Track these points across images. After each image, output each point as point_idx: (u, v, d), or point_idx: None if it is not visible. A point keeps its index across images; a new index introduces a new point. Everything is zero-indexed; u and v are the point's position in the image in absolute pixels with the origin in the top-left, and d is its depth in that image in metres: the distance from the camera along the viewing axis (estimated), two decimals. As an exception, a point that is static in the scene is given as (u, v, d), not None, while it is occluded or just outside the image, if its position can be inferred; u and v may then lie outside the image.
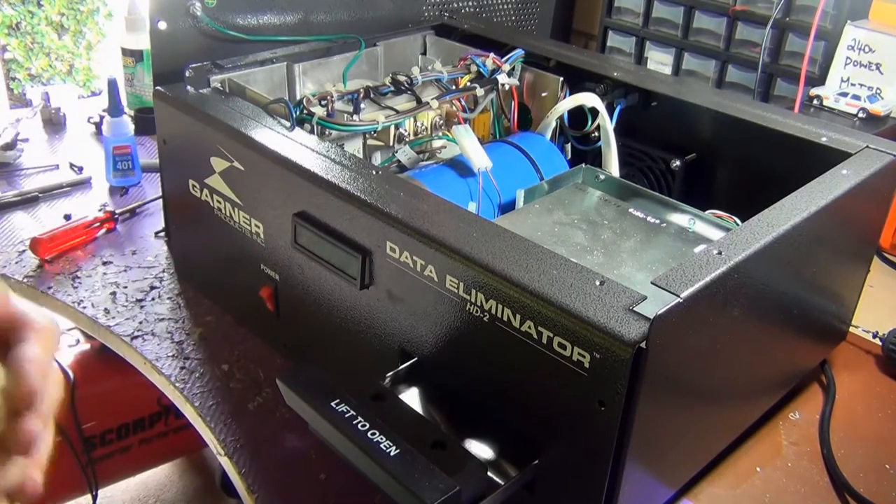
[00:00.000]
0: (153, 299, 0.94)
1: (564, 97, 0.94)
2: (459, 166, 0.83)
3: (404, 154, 0.87)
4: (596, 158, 0.93)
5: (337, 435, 0.53)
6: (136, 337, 0.88)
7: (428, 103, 0.87)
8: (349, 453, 0.53)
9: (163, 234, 1.05)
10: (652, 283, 0.54)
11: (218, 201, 0.82)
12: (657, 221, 0.78)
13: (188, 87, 0.84)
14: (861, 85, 1.18)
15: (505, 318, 0.56)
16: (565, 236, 0.75)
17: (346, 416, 0.54)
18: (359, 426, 0.53)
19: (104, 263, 1.00)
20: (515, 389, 0.58)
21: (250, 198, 0.78)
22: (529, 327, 0.54)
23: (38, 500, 0.42)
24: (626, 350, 0.49)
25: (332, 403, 0.55)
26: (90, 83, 2.95)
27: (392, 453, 0.51)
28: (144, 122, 1.30)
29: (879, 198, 0.79)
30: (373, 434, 0.53)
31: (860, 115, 1.15)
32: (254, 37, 0.92)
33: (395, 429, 0.53)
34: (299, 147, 0.73)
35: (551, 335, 0.53)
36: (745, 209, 0.68)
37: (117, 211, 1.09)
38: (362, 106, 0.85)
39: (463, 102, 0.92)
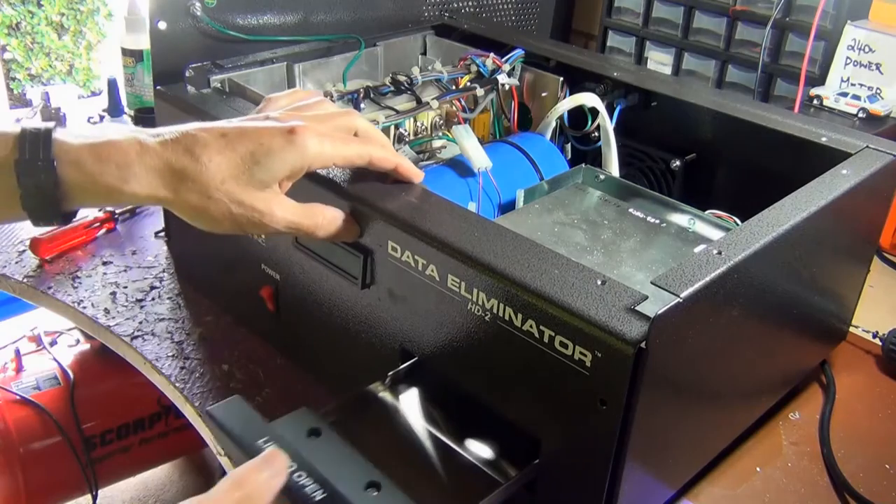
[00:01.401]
0: (153, 299, 0.94)
1: (564, 97, 0.94)
2: (459, 166, 0.83)
3: (404, 154, 0.87)
4: (596, 158, 0.93)
5: None
6: (136, 337, 0.88)
7: (428, 103, 0.87)
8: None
9: (163, 234, 1.05)
10: (652, 282, 0.54)
11: (218, 201, 0.82)
12: (657, 221, 0.78)
13: (188, 87, 0.84)
14: (861, 85, 1.18)
15: (506, 318, 0.56)
16: (565, 236, 0.75)
17: None
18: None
19: (104, 263, 1.00)
20: (516, 389, 0.59)
21: (251, 198, 0.78)
22: (531, 326, 0.54)
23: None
24: (628, 349, 0.49)
25: (260, 441, 0.51)
26: (90, 83, 2.95)
27: (317, 497, 0.48)
28: (144, 122, 1.30)
29: (879, 198, 0.79)
30: (299, 476, 0.49)
31: (860, 115, 1.15)
32: (254, 37, 0.92)
33: (327, 469, 0.50)
34: (300, 147, 0.73)
35: (553, 334, 0.53)
36: (745, 209, 0.68)
37: (117, 211, 1.09)
38: (362, 106, 0.85)
39: (463, 102, 0.92)
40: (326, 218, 0.61)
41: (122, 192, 0.54)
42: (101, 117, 1.29)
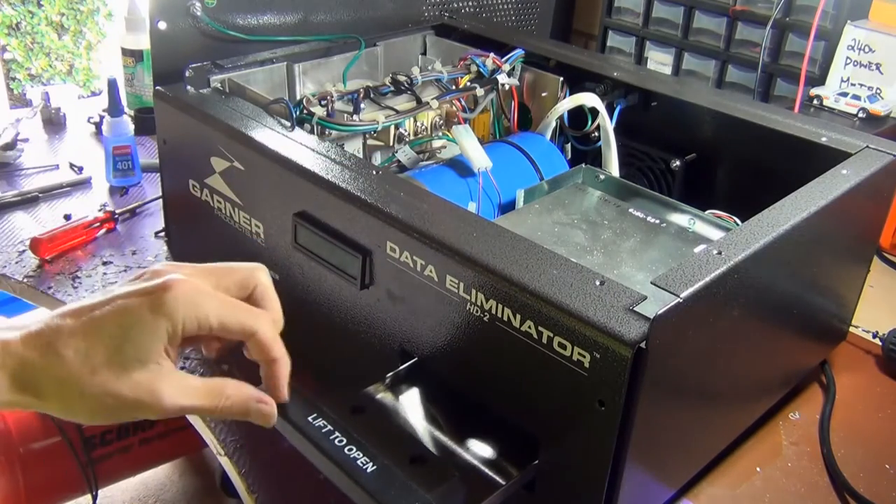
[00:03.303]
0: (153, 299, 0.94)
1: (564, 97, 0.94)
2: (459, 166, 0.83)
3: (404, 154, 0.87)
4: (596, 158, 0.93)
5: (313, 450, 0.52)
6: (136, 337, 0.88)
7: (428, 103, 0.87)
8: (326, 469, 0.52)
9: (163, 234, 1.05)
10: (652, 283, 0.54)
11: (218, 201, 0.82)
12: (657, 221, 0.78)
13: (188, 87, 0.84)
14: (861, 85, 1.18)
15: (505, 318, 0.56)
16: (565, 236, 0.75)
17: (323, 430, 0.53)
18: (336, 441, 0.52)
19: (104, 263, 1.00)
20: (515, 389, 0.59)
21: (250, 198, 0.78)
22: (529, 327, 0.54)
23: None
24: (626, 350, 0.49)
25: (309, 418, 0.53)
26: (90, 83, 2.95)
27: (369, 469, 0.50)
28: (144, 122, 1.30)
29: (879, 198, 0.79)
30: (349, 450, 0.51)
31: (860, 115, 1.15)
32: (254, 37, 0.92)
33: (374, 443, 0.52)
34: (299, 147, 0.73)
35: (551, 335, 0.53)
36: (745, 209, 0.68)
37: (117, 211, 1.09)
38: (362, 106, 0.85)
39: (463, 102, 0.92)
40: (231, 399, 0.50)
41: None
42: (101, 117, 1.29)
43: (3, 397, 0.46)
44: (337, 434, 0.53)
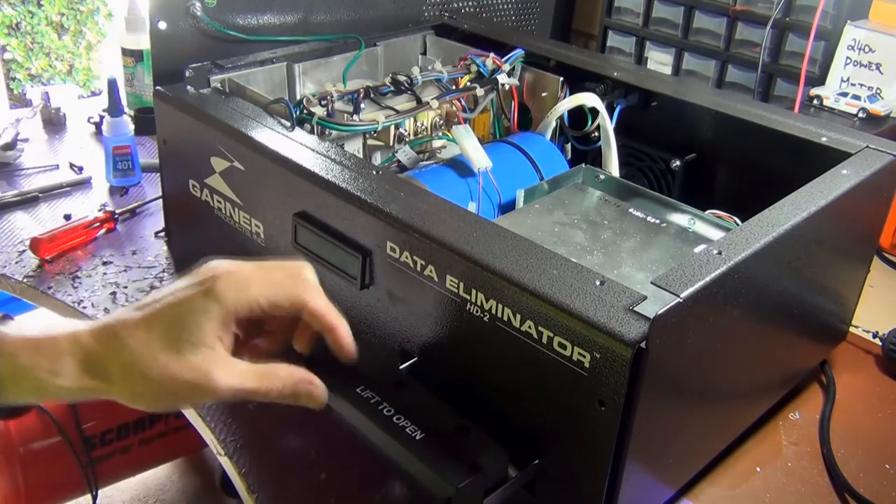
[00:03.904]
0: (153, 299, 0.94)
1: (564, 97, 0.94)
2: (459, 166, 0.83)
3: (404, 154, 0.87)
4: (596, 158, 0.93)
5: (363, 419, 0.55)
6: (136, 337, 0.88)
7: (428, 103, 0.87)
8: (375, 437, 0.54)
9: (163, 234, 1.05)
10: (652, 283, 0.54)
11: (218, 201, 0.82)
12: (657, 221, 0.78)
13: (188, 87, 0.84)
14: (861, 85, 1.18)
15: (505, 318, 0.56)
16: (565, 236, 0.75)
17: (372, 401, 0.56)
18: (384, 411, 0.55)
19: (104, 263, 1.00)
20: (515, 389, 0.59)
21: (250, 198, 0.78)
22: (529, 327, 0.54)
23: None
24: (627, 350, 0.49)
25: (357, 389, 0.56)
26: (90, 83, 2.95)
27: (417, 437, 0.53)
28: (144, 122, 1.30)
29: (879, 198, 0.79)
30: (398, 419, 0.54)
31: (860, 115, 1.15)
32: (254, 37, 0.92)
33: (419, 414, 0.55)
34: (299, 147, 0.73)
35: (551, 335, 0.53)
36: (745, 209, 0.68)
37: (117, 211, 1.09)
38: (362, 106, 0.85)
39: (463, 102, 0.92)
40: (282, 380, 0.53)
41: (54, 385, 0.50)
42: (101, 117, 1.29)
43: (75, 383, 0.50)
44: (385, 404, 0.56)
